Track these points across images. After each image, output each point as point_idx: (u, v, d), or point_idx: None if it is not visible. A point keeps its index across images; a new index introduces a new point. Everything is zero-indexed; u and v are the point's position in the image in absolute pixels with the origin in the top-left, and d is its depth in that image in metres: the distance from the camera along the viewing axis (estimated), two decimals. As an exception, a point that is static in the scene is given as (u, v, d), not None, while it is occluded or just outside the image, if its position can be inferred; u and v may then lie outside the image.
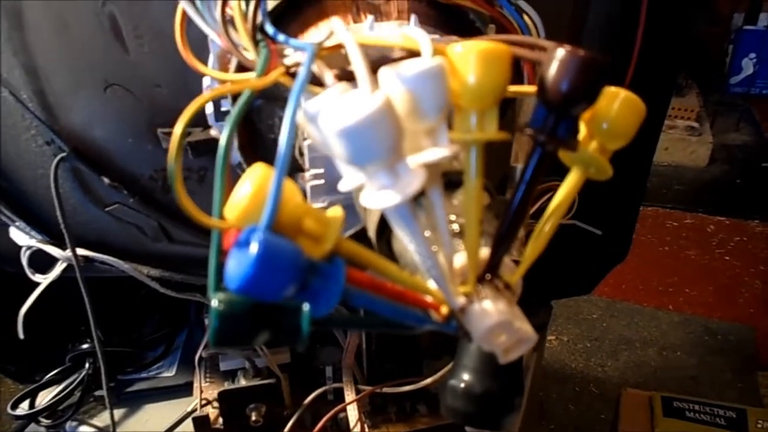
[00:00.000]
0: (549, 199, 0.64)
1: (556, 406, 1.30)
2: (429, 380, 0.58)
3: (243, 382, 0.59)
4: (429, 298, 0.20)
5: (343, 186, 0.18)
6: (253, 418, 0.58)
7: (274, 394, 0.60)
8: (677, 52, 0.61)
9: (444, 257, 0.19)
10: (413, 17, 0.28)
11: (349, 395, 0.59)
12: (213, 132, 0.37)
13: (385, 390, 0.59)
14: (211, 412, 0.61)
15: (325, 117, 0.15)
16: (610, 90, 0.20)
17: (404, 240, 0.18)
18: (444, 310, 0.20)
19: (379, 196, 0.16)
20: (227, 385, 0.61)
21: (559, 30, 0.48)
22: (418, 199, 0.20)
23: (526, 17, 0.33)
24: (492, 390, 0.32)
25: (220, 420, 0.60)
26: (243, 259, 0.16)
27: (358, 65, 0.16)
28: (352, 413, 0.58)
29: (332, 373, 0.64)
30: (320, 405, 0.62)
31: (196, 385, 0.64)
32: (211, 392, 0.63)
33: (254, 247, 0.16)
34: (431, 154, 0.17)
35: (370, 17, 0.28)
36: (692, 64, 2.53)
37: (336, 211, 0.18)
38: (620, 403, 0.85)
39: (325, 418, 0.55)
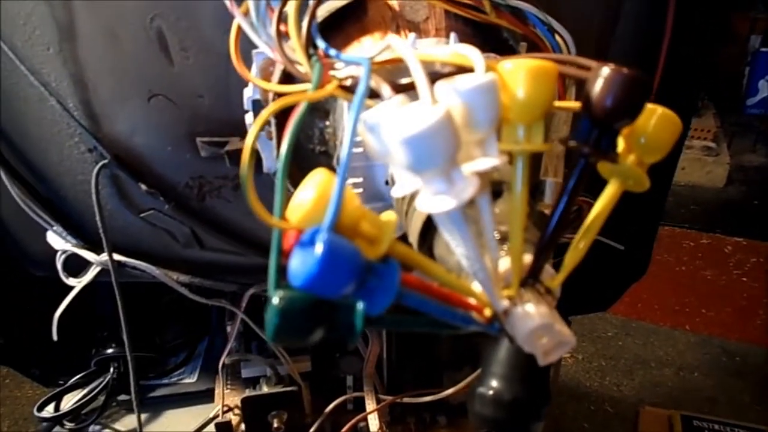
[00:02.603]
0: (576, 214, 0.65)
1: (571, 424, 1.29)
2: (449, 391, 0.58)
3: (265, 389, 0.60)
4: (473, 301, 0.21)
5: (397, 192, 0.19)
6: (275, 425, 0.59)
7: (295, 401, 0.60)
8: (699, 72, 0.62)
9: (489, 262, 0.20)
10: (453, 35, 0.29)
11: (370, 405, 0.60)
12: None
13: (405, 400, 0.59)
14: (233, 418, 0.62)
15: (388, 126, 0.17)
16: (648, 106, 0.21)
17: (452, 244, 0.19)
18: (488, 312, 0.21)
19: (435, 201, 0.17)
20: (249, 392, 0.61)
21: (586, 50, 0.50)
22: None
23: (557, 37, 0.35)
24: (521, 397, 0.33)
25: (242, 426, 0.61)
26: (308, 258, 0.17)
27: (420, 78, 0.17)
28: (373, 422, 0.59)
29: (353, 382, 0.64)
30: (340, 414, 0.62)
31: (218, 391, 0.65)
32: (233, 399, 0.64)
33: (319, 247, 0.17)
34: (483, 163, 0.18)
35: (412, 34, 0.29)
36: (709, 85, 2.53)
37: (390, 215, 0.19)
38: (639, 421, 0.84)
39: (346, 427, 0.56)
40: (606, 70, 0.18)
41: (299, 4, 0.24)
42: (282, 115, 0.35)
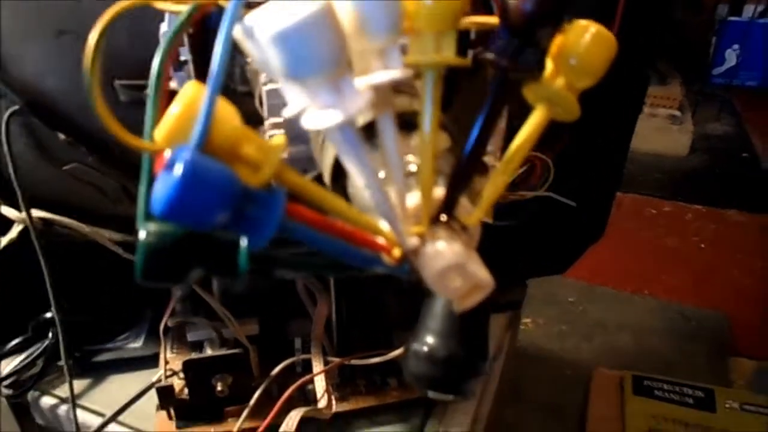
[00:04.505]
0: (528, 171, 0.63)
1: (530, 387, 1.31)
2: (398, 352, 0.57)
3: (209, 352, 0.58)
4: (381, 240, 0.19)
5: (288, 111, 0.16)
6: (219, 388, 0.57)
7: (241, 365, 0.58)
8: (656, 36, 0.61)
9: (397, 195, 0.18)
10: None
11: (317, 367, 0.58)
12: (172, 84, 0.35)
13: (353, 362, 0.58)
14: (177, 383, 0.59)
15: (260, 25, 0.14)
16: (580, 23, 0.19)
17: (352, 174, 0.17)
18: (396, 252, 0.18)
19: (320, 115, 0.15)
20: (193, 356, 0.59)
21: None
22: (373, 139, 0.19)
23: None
24: (456, 354, 0.31)
25: (186, 391, 0.59)
26: (168, 181, 0.14)
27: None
28: (320, 384, 0.57)
29: (301, 345, 0.62)
30: (289, 377, 0.61)
31: (161, 355, 0.62)
32: (178, 363, 0.61)
33: (179, 168, 0.14)
34: (381, 76, 0.15)
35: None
36: (676, 53, 2.54)
37: (279, 139, 0.17)
38: (591, 383, 0.85)
39: (290, 389, 0.54)
40: (524, -30, 0.16)
41: None
42: (200, 49, 0.32)
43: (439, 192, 0.18)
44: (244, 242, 0.16)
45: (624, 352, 1.42)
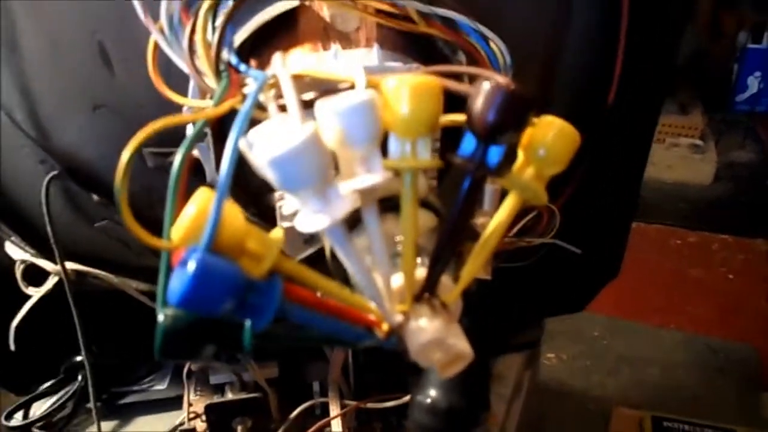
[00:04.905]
0: (533, 218, 0.65)
1: (554, 424, 1.29)
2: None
3: (230, 396, 0.60)
4: (372, 316, 0.21)
5: (286, 209, 0.19)
6: (239, 431, 0.59)
7: (261, 408, 0.60)
8: (664, 69, 0.62)
9: (382, 277, 0.20)
10: (375, 47, 0.29)
11: (334, 410, 0.60)
12: (195, 152, 0.39)
13: (369, 405, 0.60)
14: (199, 425, 0.62)
15: (257, 147, 0.17)
16: (546, 119, 0.21)
17: (342, 261, 0.19)
18: (385, 327, 0.21)
19: (310, 220, 0.17)
20: (214, 399, 0.61)
21: (534, 54, 0.50)
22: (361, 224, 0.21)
23: (492, 44, 0.35)
24: (457, 405, 0.33)
25: (208, 433, 0.61)
26: (182, 277, 0.17)
27: (289, 98, 0.17)
28: (337, 428, 0.59)
29: (320, 388, 0.64)
30: (307, 420, 0.62)
31: (185, 398, 0.65)
32: (201, 406, 0.64)
33: (191, 266, 0.17)
34: (362, 181, 0.18)
35: (335, 46, 0.29)
36: (697, 82, 2.53)
37: (277, 233, 0.19)
38: (611, 422, 0.85)
39: (309, 432, 0.56)
40: (486, 86, 0.18)
41: (206, 21, 0.24)
42: (219, 127, 0.35)
43: (421, 273, 0.20)
44: (248, 323, 0.19)
45: (650, 388, 1.40)
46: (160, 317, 0.19)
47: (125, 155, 0.18)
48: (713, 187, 2.28)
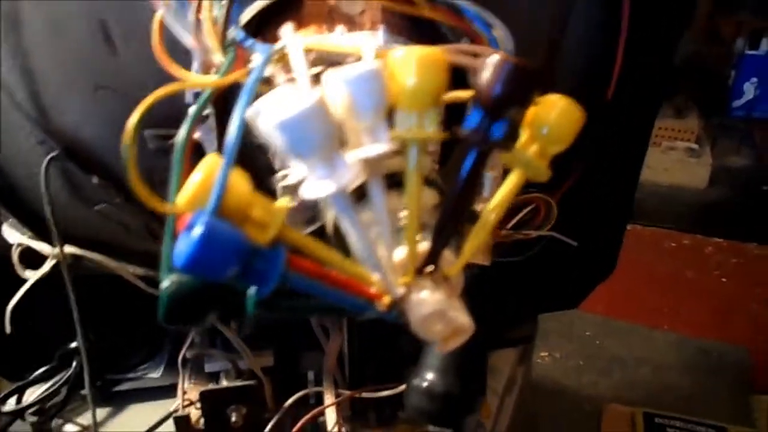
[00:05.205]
0: (531, 211, 0.65)
1: (547, 422, 1.30)
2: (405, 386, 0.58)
3: (225, 383, 0.60)
4: (374, 289, 0.21)
5: (291, 178, 0.19)
6: (233, 419, 0.59)
7: (255, 396, 0.61)
8: (664, 66, 0.62)
9: (385, 249, 0.20)
10: (381, 27, 0.30)
11: (329, 399, 0.60)
12: (196, 135, 0.39)
13: (364, 395, 0.60)
14: (194, 413, 0.62)
15: (266, 112, 0.17)
16: (551, 97, 0.22)
17: (347, 232, 0.20)
18: (386, 299, 0.21)
19: (316, 186, 0.17)
20: (210, 386, 0.61)
21: (537, 44, 0.50)
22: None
23: (495, 31, 0.35)
24: (453, 390, 0.33)
25: (202, 421, 0.61)
26: (188, 240, 0.17)
27: (298, 65, 0.17)
28: (331, 417, 0.59)
29: (314, 377, 0.64)
30: (302, 409, 0.63)
31: (179, 385, 0.65)
32: (195, 393, 0.64)
33: (198, 230, 0.17)
34: (368, 150, 0.18)
35: (340, 27, 0.29)
36: (694, 86, 2.54)
37: (282, 201, 0.19)
38: (602, 419, 0.85)
39: (302, 421, 0.56)
40: (494, 58, 0.18)
41: (213, -5, 0.24)
42: (223, 105, 0.35)
43: (424, 246, 0.21)
44: (252, 290, 0.19)
45: (642, 388, 1.41)
46: (164, 283, 0.19)
47: (134, 117, 0.18)
48: (708, 191, 2.30)
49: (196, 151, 0.40)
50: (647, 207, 2.14)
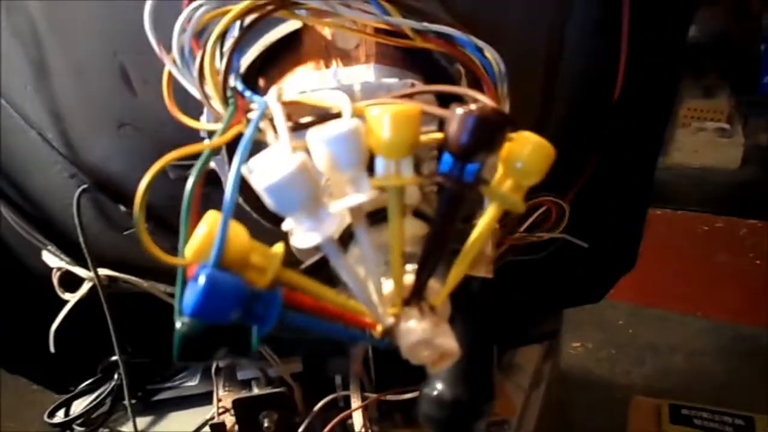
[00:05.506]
0: (542, 214, 0.66)
1: (579, 413, 1.30)
2: (429, 388, 0.60)
3: (256, 391, 0.63)
4: (368, 319, 0.23)
5: (285, 227, 0.21)
6: (266, 424, 0.62)
7: (286, 402, 0.63)
8: (673, 56, 0.62)
9: (374, 283, 0.22)
10: (373, 66, 0.32)
11: (356, 402, 0.63)
12: (211, 164, 0.41)
13: (389, 397, 0.62)
14: (228, 419, 0.65)
15: (255, 174, 0.19)
16: (523, 135, 0.23)
17: (336, 272, 0.22)
18: (379, 328, 0.23)
19: (304, 237, 0.20)
20: (243, 394, 0.65)
21: (535, 61, 0.51)
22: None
23: (487, 54, 0.37)
24: (462, 397, 0.35)
25: (236, 427, 0.64)
26: (193, 291, 0.19)
27: (280, 129, 0.20)
28: (358, 419, 0.62)
29: (342, 381, 0.67)
30: (331, 412, 0.65)
31: (214, 393, 0.68)
32: (229, 401, 0.67)
33: (201, 281, 0.19)
34: (351, 200, 0.20)
35: (334, 66, 0.31)
36: (723, 64, 2.48)
37: (278, 247, 0.22)
38: (629, 411, 0.86)
39: (331, 424, 0.59)
40: (458, 111, 0.20)
41: (214, 49, 0.26)
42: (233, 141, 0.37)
43: (409, 279, 0.23)
44: (254, 328, 0.21)
45: (675, 376, 1.40)
46: (177, 325, 0.21)
47: (143, 184, 0.20)
48: (741, 172, 2.24)
49: (213, 181, 0.43)
50: (677, 190, 2.10)
